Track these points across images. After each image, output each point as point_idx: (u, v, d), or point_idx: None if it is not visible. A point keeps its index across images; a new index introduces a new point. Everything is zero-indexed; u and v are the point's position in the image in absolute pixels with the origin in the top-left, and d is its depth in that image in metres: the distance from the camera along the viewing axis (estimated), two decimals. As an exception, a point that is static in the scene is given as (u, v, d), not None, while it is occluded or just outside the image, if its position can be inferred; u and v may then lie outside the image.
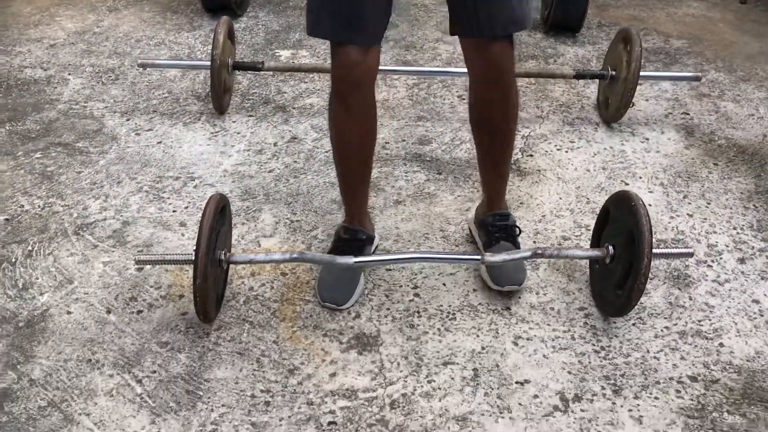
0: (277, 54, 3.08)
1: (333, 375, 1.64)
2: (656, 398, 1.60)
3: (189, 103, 2.71)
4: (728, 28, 3.45)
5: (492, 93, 1.71)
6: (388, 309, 1.82)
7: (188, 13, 3.43)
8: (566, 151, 2.47)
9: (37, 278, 1.89)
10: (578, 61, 3.08)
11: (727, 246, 2.05)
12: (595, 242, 1.86)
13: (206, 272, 1.59)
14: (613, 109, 2.55)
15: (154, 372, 1.64)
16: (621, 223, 1.72)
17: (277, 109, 2.67)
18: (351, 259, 1.73)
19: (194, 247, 1.59)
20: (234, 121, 2.59)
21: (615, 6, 3.62)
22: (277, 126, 2.57)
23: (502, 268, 1.82)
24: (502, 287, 1.81)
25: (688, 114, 2.71)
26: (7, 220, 2.09)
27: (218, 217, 1.67)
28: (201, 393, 1.59)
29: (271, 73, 2.86)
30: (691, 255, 1.83)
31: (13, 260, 1.94)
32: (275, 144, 2.46)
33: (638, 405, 1.58)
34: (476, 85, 1.75)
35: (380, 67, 2.89)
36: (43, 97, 2.72)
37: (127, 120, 2.59)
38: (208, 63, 2.49)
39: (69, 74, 2.88)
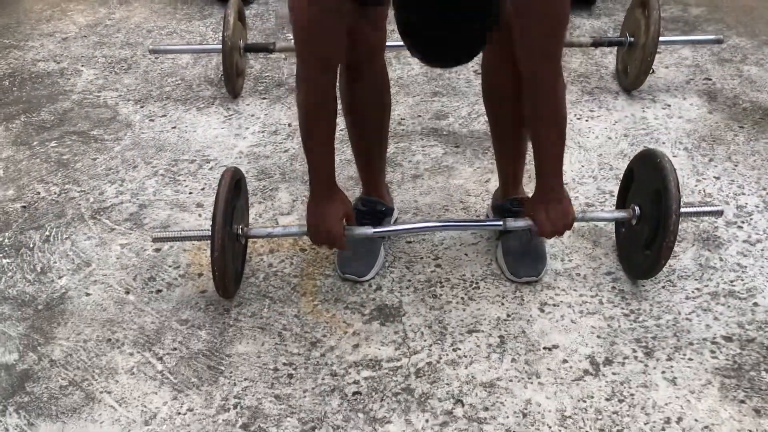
0: (288, 37, 3.05)
1: (356, 346, 1.61)
2: (690, 359, 1.55)
3: (202, 88, 2.69)
4: (748, -5, 3.37)
5: (500, 58, 1.63)
6: (409, 280, 1.78)
7: (198, 2, 3.42)
8: (586, 120, 2.42)
9: (55, 262, 1.88)
10: (594, 33, 3.02)
11: (757, 206, 1.99)
12: (621, 204, 1.81)
13: (224, 245, 1.56)
14: (632, 75, 2.49)
15: (175, 349, 1.62)
16: (646, 182, 1.67)
17: (291, 90, 2.64)
18: (370, 230, 1.70)
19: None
20: (248, 104, 2.57)
21: (630, -22, 3.54)
22: (291, 107, 2.54)
23: (519, 258, 1.77)
24: (519, 278, 1.75)
25: (710, 79, 2.65)
26: (24, 207, 2.08)
27: (234, 191, 1.64)
28: (223, 368, 1.56)
29: (284, 57, 2.84)
30: (720, 213, 1.78)
31: (31, 245, 1.93)
32: (290, 125, 2.43)
33: (671, 366, 1.53)
34: (485, 53, 1.69)
35: (393, 44, 2.85)
36: (57, 88, 2.72)
37: (141, 107, 2.58)
38: (220, 46, 2.47)
39: (82, 66, 2.88)
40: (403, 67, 2.76)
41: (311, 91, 1.53)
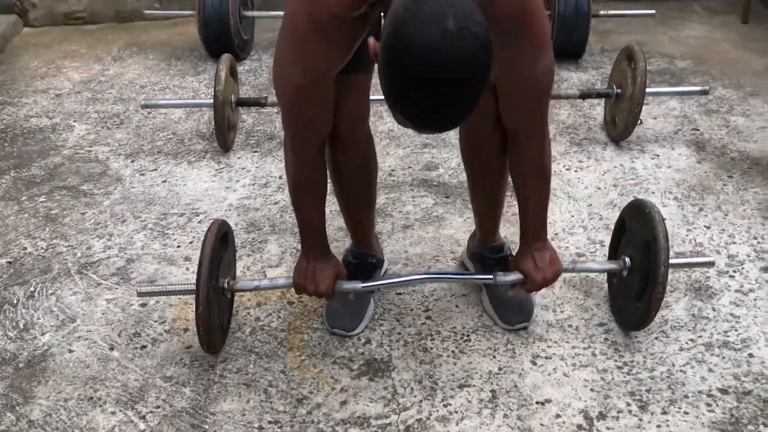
0: (280, 92, 3.08)
1: (344, 403, 1.57)
2: (686, 413, 1.51)
3: (194, 142, 2.70)
4: (732, 47, 3.43)
5: (479, 112, 1.63)
6: (399, 333, 1.75)
7: (192, 58, 3.47)
8: (575, 171, 2.42)
9: (39, 318, 1.84)
10: (582, 86, 3.06)
11: (749, 255, 1.98)
12: (613, 255, 1.79)
13: (209, 299, 1.54)
14: (621, 126, 2.51)
15: (158, 407, 1.57)
16: (636, 233, 1.66)
17: (282, 144, 2.65)
18: (358, 284, 1.67)
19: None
20: (239, 157, 2.58)
21: (617, 32, 3.61)
22: (281, 160, 2.53)
23: (509, 304, 1.75)
24: (513, 326, 1.73)
25: (698, 129, 2.67)
26: (9, 262, 2.06)
27: (220, 244, 1.63)
28: (207, 426, 1.52)
29: (276, 110, 2.86)
30: (712, 264, 1.77)
31: (15, 302, 1.90)
32: (280, 177, 2.43)
33: (667, 420, 1.49)
34: None
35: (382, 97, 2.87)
36: (48, 144, 2.73)
37: (132, 161, 2.58)
38: (211, 101, 2.49)
39: (74, 121, 2.89)
40: (394, 120, 2.77)
41: (300, 160, 1.53)
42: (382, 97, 2.04)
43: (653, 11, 3.35)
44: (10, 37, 3.75)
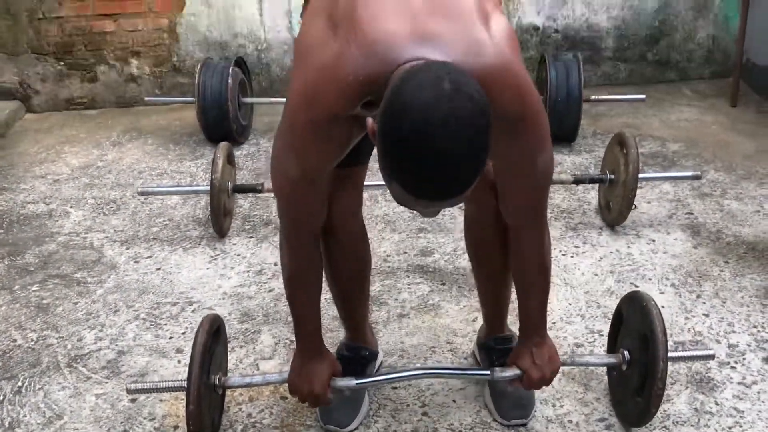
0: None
1: (337, 507, 1.51)
2: None
3: (190, 228, 2.70)
4: (722, 130, 3.49)
5: (482, 211, 1.64)
6: (395, 431, 1.71)
7: (191, 143, 3.51)
8: (572, 257, 2.42)
9: (25, 416, 1.80)
10: (576, 169, 3.09)
11: (749, 345, 1.95)
12: (611, 347, 1.76)
13: (199, 398, 1.50)
14: (615, 211, 2.52)
15: None
16: (634, 326, 1.64)
17: (278, 229, 2.65)
18: (352, 381, 1.63)
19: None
20: (234, 244, 2.57)
21: (608, 116, 3.68)
22: (278, 246, 2.53)
23: (509, 398, 1.72)
24: (509, 421, 1.70)
25: (692, 213, 2.68)
26: (-2, 355, 2.03)
27: (212, 339, 1.60)
28: None
29: (273, 196, 2.87)
30: (712, 357, 1.74)
31: (1, 398, 1.86)
32: (275, 264, 2.42)
33: None
34: (468, 205, 1.70)
35: (378, 183, 2.89)
36: (44, 230, 2.73)
37: (127, 249, 2.58)
38: (207, 188, 2.50)
39: (71, 207, 2.91)
40: (389, 204, 2.79)
41: (296, 252, 1.52)
42: (377, 182, 2.06)
43: (643, 96, 3.41)
44: (12, 122, 3.81)
